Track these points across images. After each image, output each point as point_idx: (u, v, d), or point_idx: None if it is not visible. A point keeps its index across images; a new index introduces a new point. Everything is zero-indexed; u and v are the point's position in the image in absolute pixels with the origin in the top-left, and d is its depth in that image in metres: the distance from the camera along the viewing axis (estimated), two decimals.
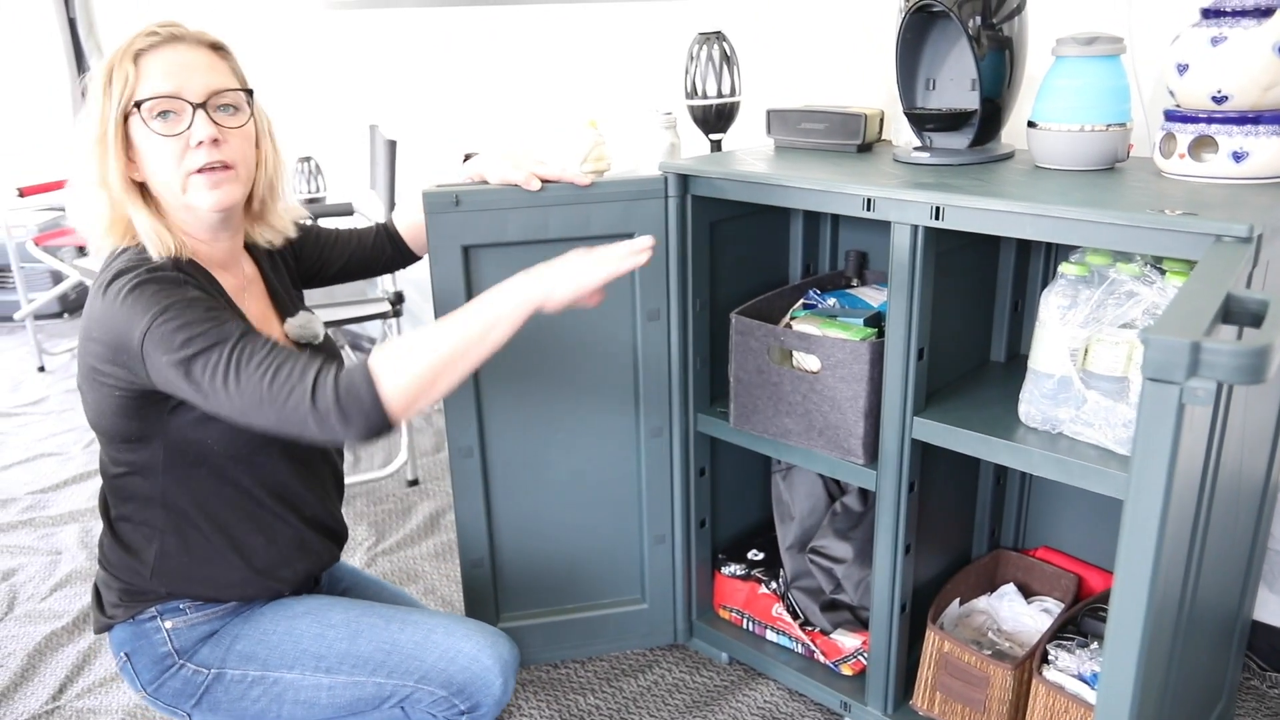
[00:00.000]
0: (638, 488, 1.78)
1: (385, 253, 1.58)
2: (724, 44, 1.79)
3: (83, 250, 3.68)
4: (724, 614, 1.91)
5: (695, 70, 1.80)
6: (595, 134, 1.78)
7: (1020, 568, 1.81)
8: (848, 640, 1.73)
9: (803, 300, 1.73)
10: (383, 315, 2.60)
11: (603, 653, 1.92)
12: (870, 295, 1.73)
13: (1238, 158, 1.27)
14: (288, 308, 1.39)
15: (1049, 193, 1.27)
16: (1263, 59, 1.23)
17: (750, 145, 1.84)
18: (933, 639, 1.58)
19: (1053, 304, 1.32)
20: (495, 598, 1.79)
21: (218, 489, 1.26)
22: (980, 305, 1.65)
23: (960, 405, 1.49)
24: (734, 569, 1.87)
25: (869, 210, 1.39)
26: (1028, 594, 1.78)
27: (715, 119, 1.83)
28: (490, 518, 1.73)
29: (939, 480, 1.63)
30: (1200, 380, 0.63)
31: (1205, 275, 0.83)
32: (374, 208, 2.75)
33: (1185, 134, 1.31)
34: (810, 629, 1.77)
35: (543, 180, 1.54)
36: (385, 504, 2.58)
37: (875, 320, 1.59)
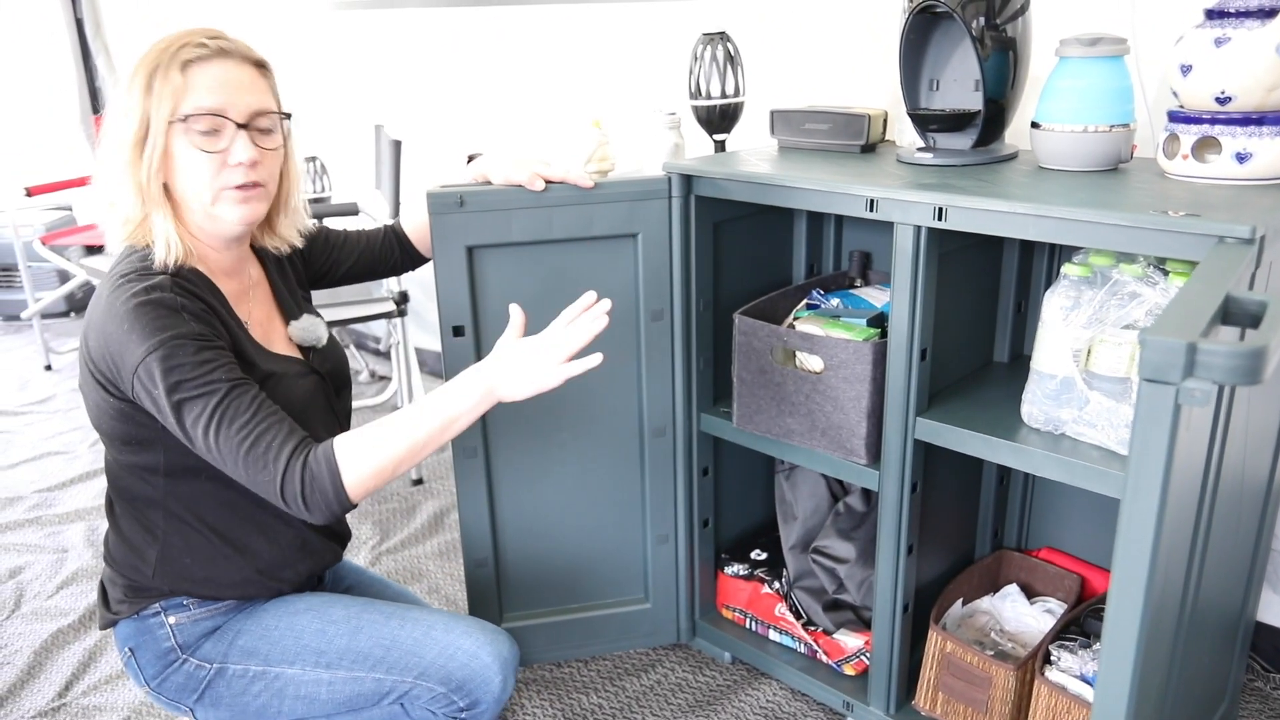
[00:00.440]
0: (641, 487, 1.79)
1: (393, 255, 1.59)
2: (728, 44, 1.79)
3: (90, 249, 3.69)
4: (727, 614, 1.91)
5: (699, 71, 1.80)
6: (599, 134, 1.78)
7: (1023, 568, 1.81)
8: (850, 640, 1.73)
9: (806, 300, 1.73)
10: (387, 315, 2.61)
11: (605, 652, 1.93)
12: (874, 296, 1.74)
13: (1241, 159, 1.27)
14: (292, 310, 1.39)
15: (1052, 193, 1.27)
16: (1266, 60, 1.23)
17: (754, 146, 1.84)
18: (935, 639, 1.58)
19: (1055, 305, 1.32)
20: (499, 597, 1.79)
21: (218, 492, 1.27)
22: (984, 306, 1.65)
23: (963, 406, 1.49)
24: (737, 569, 1.87)
25: (872, 211, 1.39)
26: (1031, 594, 1.78)
27: (719, 119, 1.83)
28: (494, 517, 1.74)
29: (942, 480, 1.64)
30: (1197, 381, 0.63)
31: (1205, 276, 0.83)
32: (379, 208, 2.75)
33: (1189, 135, 1.31)
34: (813, 629, 1.77)
35: (547, 181, 1.55)
36: (390, 503, 2.59)
37: (878, 321, 1.59)
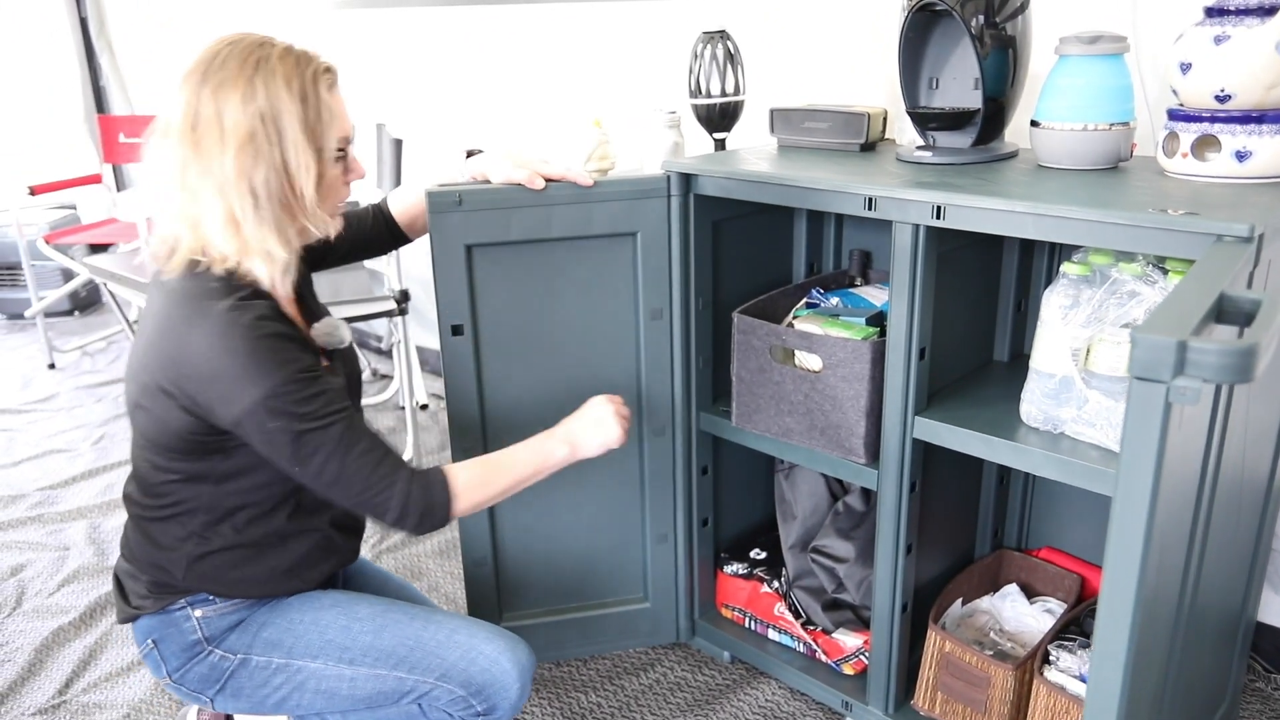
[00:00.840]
0: (640, 486, 1.79)
1: (382, 236, 1.59)
2: (728, 43, 1.78)
3: (94, 248, 3.70)
4: (726, 613, 1.91)
5: (699, 69, 1.80)
6: (599, 133, 1.78)
7: (1023, 568, 1.81)
8: (849, 640, 1.72)
9: (805, 299, 1.73)
10: (388, 313, 2.60)
11: (605, 651, 1.93)
12: (873, 295, 1.73)
13: (1241, 157, 1.26)
14: (314, 312, 1.40)
15: (1051, 192, 1.27)
16: (1266, 58, 1.23)
17: (754, 144, 1.84)
18: (934, 639, 1.57)
19: (1055, 304, 1.32)
20: (498, 596, 1.79)
21: (258, 497, 1.28)
22: (983, 305, 1.65)
23: (962, 405, 1.48)
24: (736, 568, 1.87)
25: (871, 209, 1.39)
26: (1031, 594, 1.78)
27: (719, 118, 1.83)
28: (493, 516, 1.74)
29: (941, 480, 1.63)
30: (1187, 379, 0.63)
31: (1200, 275, 0.83)
32: None
33: (1188, 133, 1.31)
34: (812, 628, 1.77)
35: (546, 179, 1.55)
36: None
37: (878, 320, 1.58)
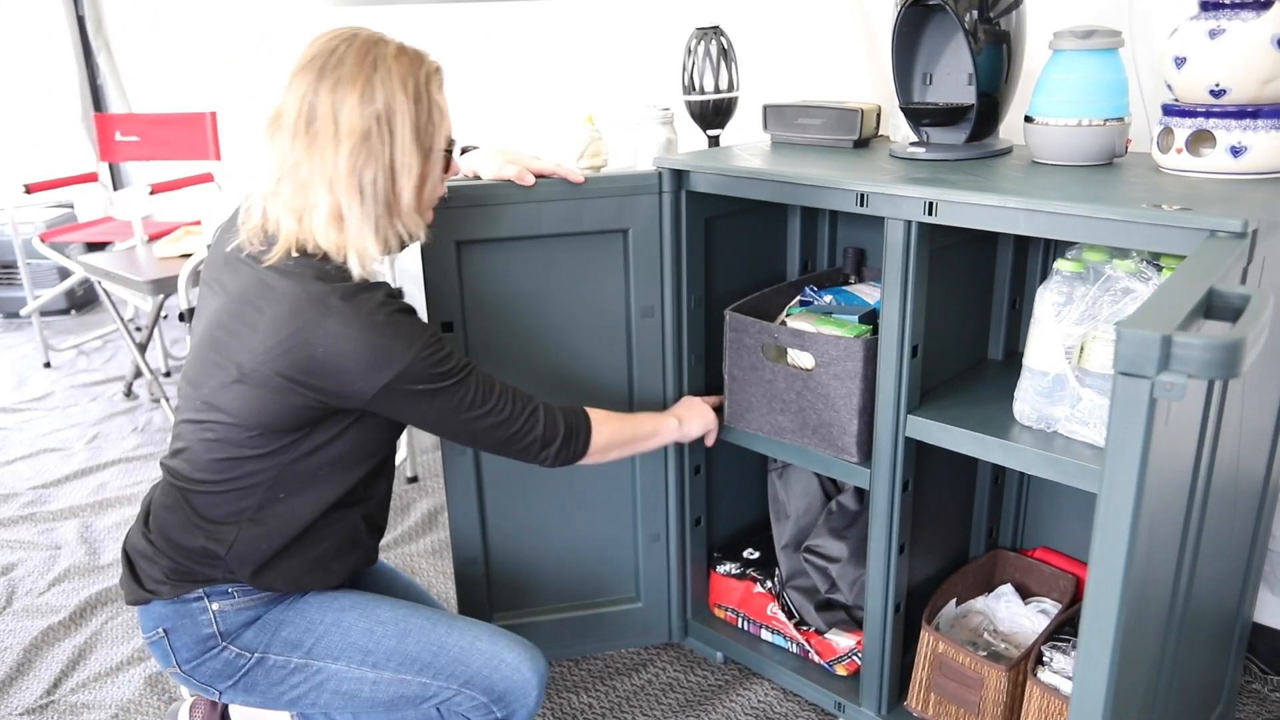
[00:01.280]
0: (632, 485, 1.77)
1: None
2: (722, 39, 1.77)
3: (90, 246, 3.68)
4: (719, 613, 1.89)
5: (693, 65, 1.78)
6: (592, 129, 1.77)
7: (1018, 568, 1.79)
8: (842, 640, 1.71)
9: (799, 297, 1.72)
10: None
11: (597, 651, 1.91)
12: (867, 292, 1.72)
13: (1236, 152, 1.25)
14: None
15: (1044, 188, 1.25)
16: (1261, 52, 1.22)
17: (747, 141, 1.83)
18: (927, 639, 1.56)
19: (1048, 301, 1.30)
20: (489, 595, 1.78)
21: (314, 482, 1.28)
22: (978, 302, 1.63)
23: (955, 403, 1.47)
24: (729, 568, 1.86)
25: (862, 205, 1.38)
26: (1026, 595, 1.76)
27: (713, 114, 1.82)
28: (484, 515, 1.73)
29: (935, 479, 1.62)
30: (1172, 375, 0.62)
31: (1190, 270, 0.81)
32: None
33: (1183, 128, 1.30)
34: (805, 628, 1.76)
35: (536, 174, 1.53)
36: None
37: (871, 317, 1.57)
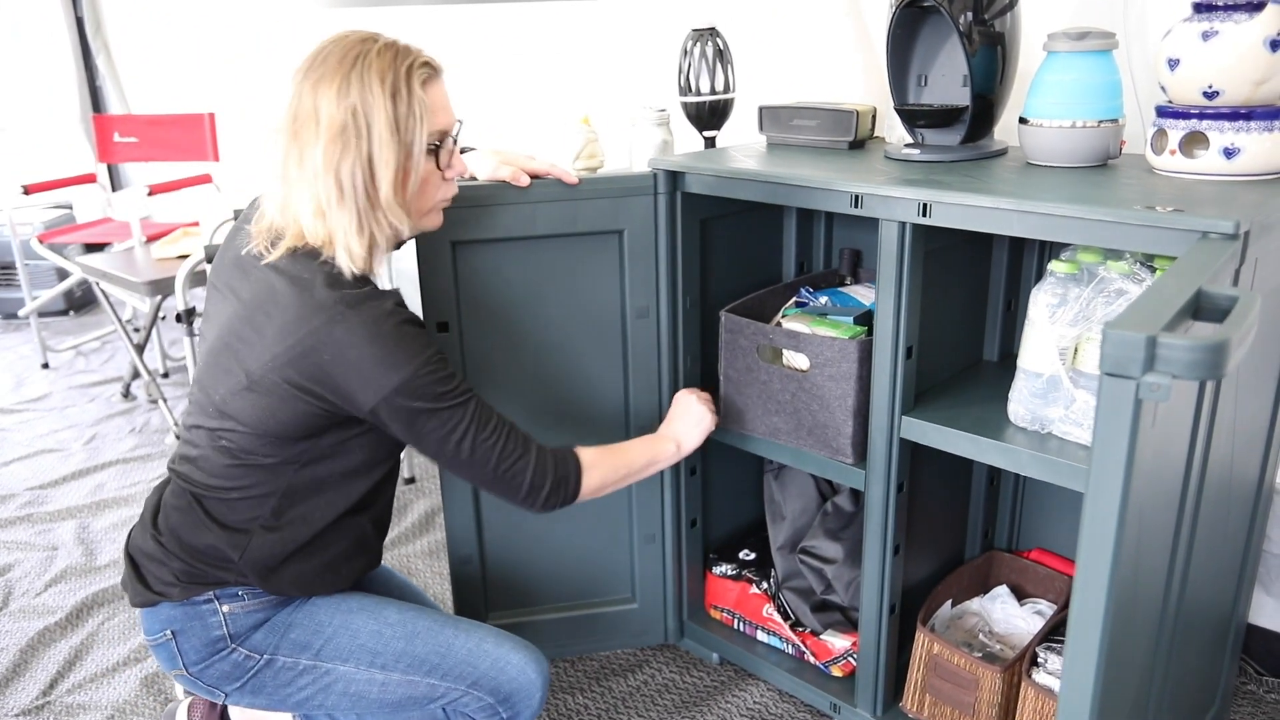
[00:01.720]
0: (628, 487, 1.77)
1: None
2: (718, 40, 1.77)
3: (89, 247, 3.68)
4: (715, 614, 1.89)
5: (689, 67, 1.79)
6: (588, 131, 1.77)
7: (1014, 569, 1.79)
8: (838, 641, 1.71)
9: (794, 298, 1.72)
10: None
11: (592, 652, 1.91)
12: (863, 294, 1.72)
13: (1229, 154, 1.25)
14: None
15: (1038, 189, 1.26)
16: (1254, 54, 1.22)
17: (743, 142, 1.83)
18: (922, 640, 1.56)
19: (1042, 302, 1.30)
20: (484, 595, 1.78)
21: (327, 489, 1.28)
22: (973, 304, 1.64)
23: (950, 404, 1.47)
24: (725, 569, 1.86)
25: (857, 207, 1.38)
26: (1021, 596, 1.76)
27: (709, 116, 1.82)
28: (479, 514, 1.73)
29: (930, 481, 1.62)
30: (1157, 376, 0.62)
31: (1181, 271, 0.82)
32: None
33: (1176, 130, 1.30)
34: (801, 630, 1.76)
35: (532, 175, 1.54)
36: None
37: (866, 319, 1.57)
